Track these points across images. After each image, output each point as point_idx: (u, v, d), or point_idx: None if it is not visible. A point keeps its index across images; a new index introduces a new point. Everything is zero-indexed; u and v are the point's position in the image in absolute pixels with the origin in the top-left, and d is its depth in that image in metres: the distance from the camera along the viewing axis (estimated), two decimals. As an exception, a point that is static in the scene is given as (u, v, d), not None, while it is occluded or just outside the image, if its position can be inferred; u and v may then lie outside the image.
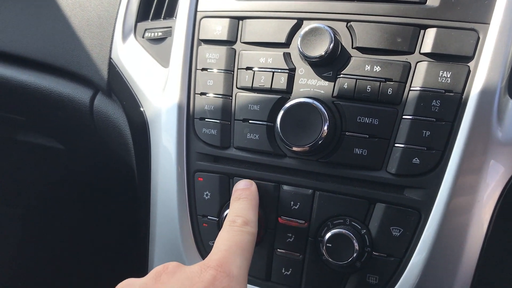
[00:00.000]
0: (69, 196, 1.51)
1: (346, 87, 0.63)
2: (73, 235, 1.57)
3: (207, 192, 0.71)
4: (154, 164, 0.75)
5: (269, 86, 0.66)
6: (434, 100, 0.60)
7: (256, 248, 0.68)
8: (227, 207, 0.68)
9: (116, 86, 0.83)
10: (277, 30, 0.67)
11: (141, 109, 0.77)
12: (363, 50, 0.63)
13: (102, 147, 1.01)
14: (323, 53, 0.61)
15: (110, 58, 0.83)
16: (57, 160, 1.36)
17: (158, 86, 0.76)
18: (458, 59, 0.60)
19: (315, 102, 0.62)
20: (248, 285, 0.68)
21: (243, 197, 0.64)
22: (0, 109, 1.12)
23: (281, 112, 0.63)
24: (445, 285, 0.61)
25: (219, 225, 0.70)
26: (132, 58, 0.81)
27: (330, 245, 0.62)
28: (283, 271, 0.67)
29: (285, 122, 0.63)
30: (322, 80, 0.64)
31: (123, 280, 0.55)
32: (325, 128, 0.61)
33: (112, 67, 0.82)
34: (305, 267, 0.66)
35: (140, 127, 0.78)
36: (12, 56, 0.94)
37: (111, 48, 0.83)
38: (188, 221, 0.72)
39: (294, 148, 0.63)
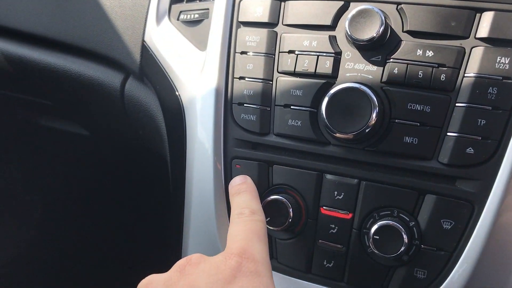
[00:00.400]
0: (94, 184, 1.50)
1: (396, 72, 0.60)
2: (95, 225, 1.56)
3: (245, 180, 0.68)
4: (190, 150, 0.73)
5: (313, 71, 0.64)
6: (491, 88, 0.57)
7: (296, 239, 0.66)
8: (266, 195, 0.66)
9: (149, 69, 0.81)
10: (322, 12, 0.64)
11: (177, 93, 0.75)
12: (414, 34, 0.60)
13: (131, 134, 0.99)
14: (374, 35, 0.58)
15: (143, 41, 0.80)
16: (81, 147, 1.35)
17: (194, 70, 0.73)
18: (518, 44, 0.57)
19: (364, 87, 0.59)
20: (287, 277, 0.67)
21: (243, 191, 0.63)
22: (26, 92, 1.10)
23: (328, 97, 0.61)
24: (498, 282, 0.58)
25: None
26: (167, 41, 0.78)
27: (378, 237, 0.59)
28: (325, 263, 0.65)
29: (331, 108, 0.60)
30: (370, 65, 0.61)
31: (152, 272, 0.54)
32: (374, 115, 0.58)
33: (145, 50, 0.80)
34: (349, 260, 0.63)
35: (174, 112, 0.75)
36: (40, 38, 0.92)
37: (144, 30, 0.80)
38: (225, 210, 0.70)
39: (338, 135, 0.60)
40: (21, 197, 1.49)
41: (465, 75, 0.58)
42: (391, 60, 0.60)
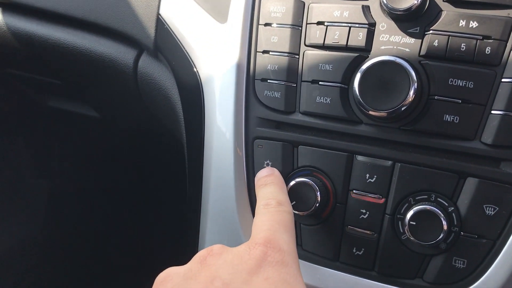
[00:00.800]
0: (104, 170, 1.46)
1: (436, 45, 0.55)
2: (105, 214, 1.52)
3: (268, 162, 0.64)
4: (208, 130, 0.68)
5: (345, 43, 0.59)
6: (541, 61, 0.52)
7: (323, 224, 0.62)
8: (291, 178, 0.62)
9: (165, 45, 0.76)
10: (354, -20, 0.59)
11: (194, 70, 0.70)
12: (456, 3, 0.55)
13: (144, 115, 0.94)
14: (415, 2, 0.53)
15: (158, 14, 0.75)
16: (91, 130, 1.31)
17: (214, 45, 0.68)
18: None
19: (401, 61, 0.55)
20: (313, 265, 0.63)
21: (269, 183, 0.60)
22: (34, 71, 1.06)
23: (360, 72, 0.56)
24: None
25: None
26: (184, 13, 0.73)
27: (414, 223, 0.55)
28: (354, 250, 0.60)
29: (364, 83, 0.56)
30: (408, 37, 0.56)
31: (168, 266, 0.50)
32: (412, 91, 0.54)
33: (161, 24, 0.75)
34: (380, 247, 0.59)
35: (192, 90, 0.71)
36: (48, 13, 0.87)
37: (159, 3, 0.76)
38: (246, 193, 0.66)
39: (372, 113, 0.56)
40: (29, 181, 1.46)
41: (513, 48, 0.53)
42: (431, 31, 0.55)
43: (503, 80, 0.53)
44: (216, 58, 0.68)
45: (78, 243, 1.53)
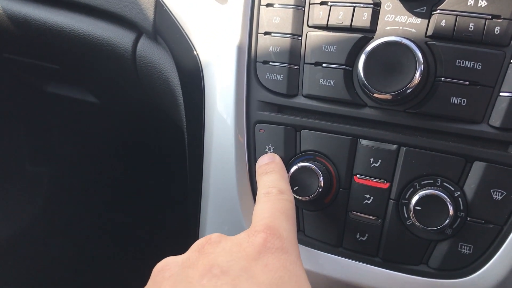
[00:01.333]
0: (104, 157, 1.44)
1: (443, 25, 0.53)
2: (104, 202, 1.51)
3: (270, 146, 0.63)
4: (208, 115, 0.67)
5: (349, 24, 0.57)
6: (552, 41, 0.50)
7: (326, 210, 0.61)
8: (293, 163, 0.61)
9: (164, 27, 0.74)
10: (359, -42, 0.57)
11: (194, 52, 0.68)
12: (464, -19, 0.53)
13: (143, 100, 0.93)
14: (422, -20, 0.52)
15: (157, -5, 0.74)
16: (90, 116, 1.29)
17: (214, 26, 0.67)
18: None
19: (408, 42, 0.53)
20: (316, 251, 0.62)
21: (270, 171, 0.59)
22: (32, 56, 1.04)
23: (365, 53, 0.54)
24: (553, 258, 0.53)
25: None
26: (183, -5, 0.72)
27: (420, 208, 0.54)
28: (358, 236, 0.59)
29: (369, 65, 0.54)
30: (414, 17, 0.55)
31: (167, 254, 0.49)
32: (418, 73, 0.52)
33: (159, 6, 0.73)
34: (384, 233, 0.58)
35: (192, 74, 0.69)
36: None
37: (158, -16, 0.74)
38: (247, 180, 0.64)
39: (376, 95, 0.54)
40: (27, 169, 1.45)
41: (523, 27, 0.51)
42: (438, 11, 0.53)
43: (512, 61, 0.51)
44: (216, 41, 0.66)
45: (77, 231, 1.52)
